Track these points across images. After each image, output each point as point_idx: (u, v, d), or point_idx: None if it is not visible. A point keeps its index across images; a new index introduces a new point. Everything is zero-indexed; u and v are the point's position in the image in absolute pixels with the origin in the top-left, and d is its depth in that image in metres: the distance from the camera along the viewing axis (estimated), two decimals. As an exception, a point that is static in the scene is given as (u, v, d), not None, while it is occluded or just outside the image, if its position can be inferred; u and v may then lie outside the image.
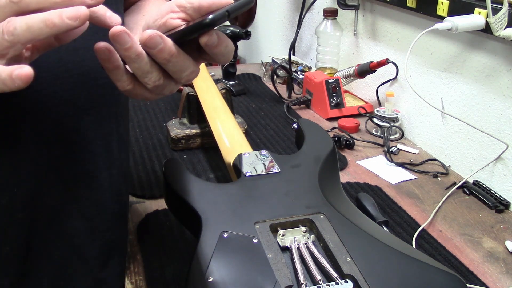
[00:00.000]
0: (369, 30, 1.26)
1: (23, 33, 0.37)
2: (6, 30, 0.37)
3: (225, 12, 0.41)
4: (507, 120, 0.86)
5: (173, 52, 0.42)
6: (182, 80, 0.45)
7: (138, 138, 1.07)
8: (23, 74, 0.36)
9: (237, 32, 1.31)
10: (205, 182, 0.72)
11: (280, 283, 0.52)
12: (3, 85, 0.37)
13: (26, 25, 0.36)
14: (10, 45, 0.37)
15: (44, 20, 0.36)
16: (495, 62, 0.87)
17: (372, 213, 0.78)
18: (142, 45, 0.41)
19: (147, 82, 0.44)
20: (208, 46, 0.43)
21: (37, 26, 0.36)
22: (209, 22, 0.41)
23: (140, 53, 0.42)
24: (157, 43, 0.41)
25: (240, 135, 0.88)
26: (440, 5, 0.94)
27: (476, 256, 0.73)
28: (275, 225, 0.61)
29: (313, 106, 1.26)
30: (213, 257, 0.55)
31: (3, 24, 0.37)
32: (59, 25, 0.36)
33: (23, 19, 0.37)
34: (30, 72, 0.37)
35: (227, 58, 0.46)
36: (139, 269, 0.69)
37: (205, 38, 0.42)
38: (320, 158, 0.74)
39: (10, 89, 0.37)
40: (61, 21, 0.36)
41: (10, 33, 0.37)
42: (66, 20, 0.36)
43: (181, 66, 0.44)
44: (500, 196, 0.86)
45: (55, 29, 0.37)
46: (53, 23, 0.36)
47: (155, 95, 0.47)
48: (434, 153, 1.04)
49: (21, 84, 0.37)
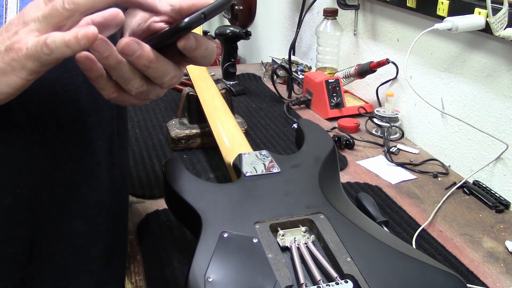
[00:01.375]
0: (369, 30, 1.26)
1: (83, 1, 0.37)
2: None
3: (200, 14, 0.41)
4: (507, 120, 0.86)
5: (152, 58, 0.42)
6: (165, 85, 0.45)
7: (138, 138, 1.07)
8: (90, 33, 0.37)
9: (237, 32, 1.31)
10: (205, 182, 0.72)
11: (280, 283, 0.52)
12: (65, 48, 0.37)
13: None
14: (70, 14, 0.38)
15: None
16: (495, 62, 0.87)
17: (372, 213, 0.78)
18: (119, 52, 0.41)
19: (130, 89, 0.44)
20: (186, 49, 0.43)
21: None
22: (184, 26, 0.41)
23: (120, 61, 0.42)
24: (134, 50, 0.41)
25: (240, 135, 0.88)
26: (440, 5, 0.94)
27: (476, 256, 0.73)
28: (275, 225, 0.61)
29: (313, 106, 1.26)
30: (213, 257, 0.55)
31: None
32: None
33: None
34: (95, 31, 0.37)
35: (208, 60, 0.46)
36: (139, 269, 0.69)
37: (182, 42, 0.42)
38: (320, 158, 0.74)
39: (73, 51, 0.38)
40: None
41: (71, 2, 0.37)
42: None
43: (162, 72, 0.44)
44: (500, 196, 0.86)
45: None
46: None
47: (142, 101, 0.47)
48: (434, 153, 1.04)
49: (87, 44, 0.37)
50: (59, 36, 0.37)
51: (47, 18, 0.38)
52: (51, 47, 0.37)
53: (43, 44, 0.37)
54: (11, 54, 0.39)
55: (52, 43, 0.37)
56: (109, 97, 0.45)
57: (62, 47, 0.37)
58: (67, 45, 0.37)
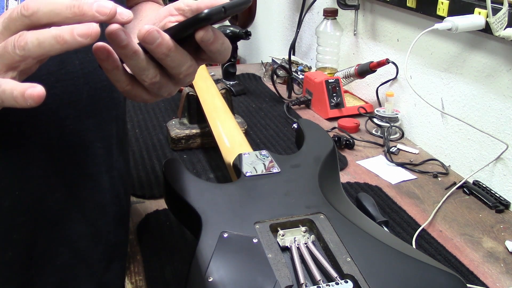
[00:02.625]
0: (369, 30, 1.26)
1: (34, 49, 0.37)
2: (18, 44, 0.37)
3: (221, 8, 0.41)
4: (507, 120, 0.86)
5: (171, 47, 0.42)
6: (181, 75, 0.45)
7: (138, 138, 1.07)
8: (35, 94, 0.36)
9: (237, 32, 1.31)
10: (205, 182, 0.72)
11: (280, 283, 0.52)
12: (14, 102, 0.37)
13: (37, 41, 0.36)
14: (21, 59, 0.37)
15: (55, 36, 0.36)
16: (495, 62, 0.87)
17: (372, 213, 0.77)
18: (140, 40, 0.41)
19: (144, 79, 0.44)
20: (204, 42, 0.43)
21: (48, 42, 0.36)
22: (204, 16, 0.41)
23: (137, 50, 0.42)
24: (155, 38, 0.41)
25: (240, 135, 0.88)
26: (440, 5, 0.94)
27: (476, 256, 0.73)
28: (275, 225, 0.61)
29: (313, 106, 1.26)
30: (213, 257, 0.55)
31: (15, 38, 0.37)
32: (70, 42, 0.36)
33: (34, 34, 0.37)
34: (42, 92, 0.36)
35: (224, 56, 0.46)
36: (139, 269, 0.69)
37: (200, 33, 0.42)
38: (320, 158, 0.74)
39: (21, 106, 0.37)
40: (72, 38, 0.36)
41: (21, 48, 0.37)
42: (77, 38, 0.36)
43: (179, 61, 0.44)
44: (500, 196, 0.86)
45: (66, 46, 0.36)
46: (64, 40, 0.36)
47: (154, 96, 0.47)
48: (434, 153, 1.04)
49: (33, 104, 0.37)
50: (8, 88, 0.37)
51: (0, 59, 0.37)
52: (1, 96, 0.37)
53: None
54: None
55: (2, 93, 0.37)
56: (123, 90, 0.45)
57: (10, 99, 0.37)
58: (15, 100, 0.37)
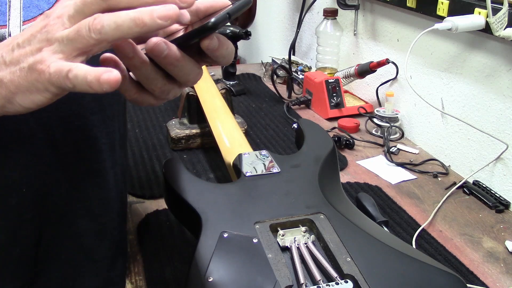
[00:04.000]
0: (369, 30, 1.26)
1: (111, 32, 0.36)
2: (94, 28, 0.36)
3: (226, 14, 0.41)
4: (507, 120, 0.86)
5: (178, 57, 0.42)
6: (189, 83, 0.45)
7: (138, 138, 1.07)
8: (112, 79, 0.36)
9: (237, 32, 1.31)
10: (205, 182, 0.72)
11: (280, 283, 0.52)
12: (87, 87, 0.36)
13: (115, 24, 0.35)
14: (96, 43, 0.36)
15: (134, 19, 0.35)
16: (495, 62, 0.87)
17: (372, 213, 0.77)
18: (148, 52, 0.41)
19: (153, 88, 0.44)
20: (209, 49, 0.43)
21: (126, 25, 0.35)
22: (211, 26, 0.40)
23: (144, 60, 0.41)
24: (162, 49, 0.41)
25: (240, 135, 0.88)
26: (440, 5, 0.94)
27: (476, 256, 0.73)
28: (275, 225, 0.61)
29: (313, 106, 1.26)
30: (213, 257, 0.55)
31: (90, 21, 0.36)
32: (150, 25, 0.36)
33: (112, 17, 0.36)
34: (118, 77, 0.36)
35: (228, 60, 0.46)
36: (139, 269, 0.69)
37: (206, 42, 0.42)
38: (320, 158, 0.74)
39: (95, 91, 0.36)
40: (152, 20, 0.36)
41: (98, 31, 0.36)
42: (157, 20, 0.36)
43: (187, 70, 0.44)
44: (500, 196, 0.86)
45: (145, 29, 0.36)
46: (143, 22, 0.35)
47: (160, 101, 0.47)
48: (434, 153, 1.04)
49: (108, 89, 0.36)
50: (82, 73, 0.36)
51: (73, 43, 0.37)
52: (73, 81, 0.36)
53: (65, 76, 0.36)
54: (34, 74, 0.37)
55: (74, 78, 0.36)
56: (131, 98, 0.45)
57: (83, 85, 0.36)
58: (89, 86, 0.36)
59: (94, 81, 0.36)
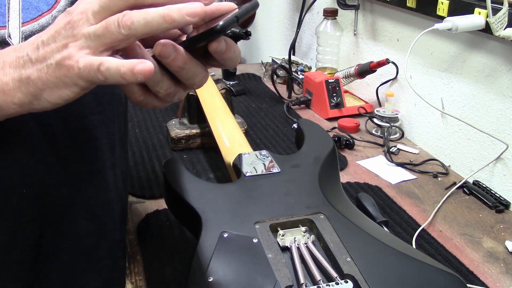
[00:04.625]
0: (369, 30, 1.26)
1: (141, 28, 0.37)
2: (123, 24, 0.37)
3: (234, 17, 0.41)
4: (507, 120, 0.86)
5: (186, 60, 0.42)
6: (195, 86, 0.45)
7: (138, 138, 1.07)
8: (146, 69, 0.37)
9: (237, 32, 1.30)
10: (205, 182, 0.72)
11: (280, 283, 0.52)
12: (120, 79, 0.37)
13: (144, 20, 0.37)
14: (125, 38, 0.37)
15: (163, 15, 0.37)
16: (495, 62, 0.87)
17: (372, 213, 0.77)
18: (156, 55, 0.41)
19: (158, 91, 0.44)
20: (217, 52, 0.43)
21: (156, 22, 0.37)
22: (220, 29, 0.41)
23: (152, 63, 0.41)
24: (170, 52, 0.41)
25: (240, 135, 0.88)
26: (440, 5, 0.94)
27: (476, 256, 0.73)
28: (275, 225, 0.61)
29: (313, 106, 1.26)
30: (213, 257, 0.55)
31: (119, 17, 0.37)
32: (178, 21, 0.37)
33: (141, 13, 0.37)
34: (152, 67, 0.37)
35: (234, 63, 0.46)
36: (139, 269, 0.69)
37: (214, 45, 0.42)
38: (320, 158, 0.74)
39: (128, 82, 0.38)
40: (181, 17, 0.37)
41: (127, 27, 0.37)
42: (185, 17, 0.37)
43: (193, 73, 0.44)
44: (500, 196, 0.86)
45: (174, 25, 0.37)
46: (172, 19, 0.37)
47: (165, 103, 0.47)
48: (434, 153, 1.04)
49: (143, 79, 0.37)
50: (114, 65, 0.37)
51: (100, 38, 0.37)
52: (105, 74, 0.37)
53: (97, 69, 0.37)
54: (63, 70, 0.38)
55: (106, 71, 0.37)
56: (136, 101, 0.45)
57: (116, 76, 0.37)
58: (122, 77, 0.37)
59: (128, 72, 0.37)
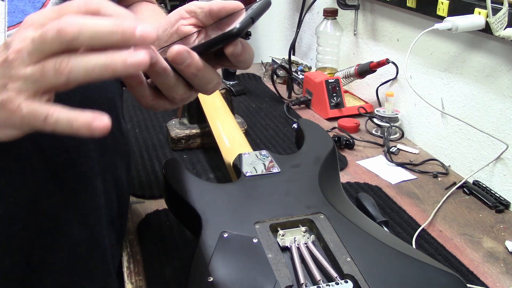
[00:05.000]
0: (369, 30, 1.26)
1: (80, 77, 0.33)
2: (61, 70, 0.33)
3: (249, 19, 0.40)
4: (507, 120, 0.86)
5: (200, 66, 0.41)
6: (208, 92, 0.44)
7: (138, 138, 1.07)
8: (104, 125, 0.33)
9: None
10: (205, 182, 0.72)
11: (280, 283, 0.52)
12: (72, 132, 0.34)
13: (84, 69, 0.33)
14: (65, 83, 0.34)
15: (105, 66, 0.33)
16: (495, 62, 0.87)
17: (372, 213, 0.77)
18: (170, 61, 0.40)
19: (173, 96, 0.43)
20: (233, 55, 0.42)
21: (97, 71, 0.33)
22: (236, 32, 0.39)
23: (166, 68, 0.40)
24: (184, 58, 0.40)
25: (240, 135, 0.88)
26: (440, 5, 0.94)
27: (476, 256, 0.73)
28: (275, 225, 0.61)
29: (313, 106, 1.26)
30: (213, 257, 0.55)
31: (56, 63, 0.33)
32: (120, 71, 0.33)
33: (81, 62, 0.33)
34: (109, 123, 0.34)
35: (249, 64, 0.45)
36: (139, 269, 0.69)
37: (231, 48, 0.41)
38: (320, 158, 0.74)
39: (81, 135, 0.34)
40: (124, 68, 0.33)
41: (65, 75, 0.33)
42: (129, 68, 0.33)
43: (207, 79, 0.43)
44: (500, 196, 0.86)
45: (115, 75, 0.33)
46: (114, 70, 0.33)
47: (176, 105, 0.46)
48: (434, 153, 1.04)
49: (100, 136, 0.34)
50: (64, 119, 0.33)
51: (38, 82, 0.34)
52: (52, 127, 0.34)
53: (43, 120, 0.34)
54: (5, 114, 0.35)
55: (55, 124, 0.34)
56: (148, 105, 0.43)
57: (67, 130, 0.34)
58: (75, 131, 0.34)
59: (83, 128, 0.34)
